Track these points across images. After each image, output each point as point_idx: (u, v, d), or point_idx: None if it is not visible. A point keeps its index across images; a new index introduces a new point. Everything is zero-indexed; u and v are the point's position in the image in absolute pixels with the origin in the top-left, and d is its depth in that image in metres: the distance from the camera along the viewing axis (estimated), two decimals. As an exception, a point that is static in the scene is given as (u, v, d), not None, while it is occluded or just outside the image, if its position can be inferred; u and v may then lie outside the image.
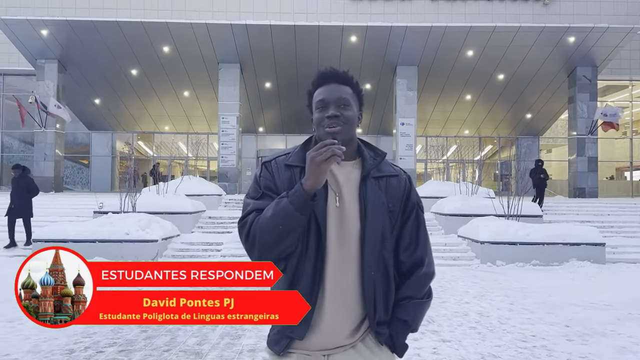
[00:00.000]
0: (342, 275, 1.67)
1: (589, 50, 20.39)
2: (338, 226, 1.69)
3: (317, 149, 1.57)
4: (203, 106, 25.16)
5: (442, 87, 23.30)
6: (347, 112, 1.73)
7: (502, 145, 29.03)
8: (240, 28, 19.36)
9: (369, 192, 1.72)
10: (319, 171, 1.56)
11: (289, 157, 1.77)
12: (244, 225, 1.68)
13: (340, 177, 1.73)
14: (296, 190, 1.59)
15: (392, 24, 19.21)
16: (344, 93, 1.75)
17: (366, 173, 1.74)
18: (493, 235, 11.05)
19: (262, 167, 1.80)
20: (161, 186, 15.16)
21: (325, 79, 1.78)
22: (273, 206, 1.62)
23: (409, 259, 1.78)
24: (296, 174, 1.71)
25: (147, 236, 10.82)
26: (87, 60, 21.55)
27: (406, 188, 1.81)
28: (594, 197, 21.24)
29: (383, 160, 1.82)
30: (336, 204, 1.69)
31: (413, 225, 1.80)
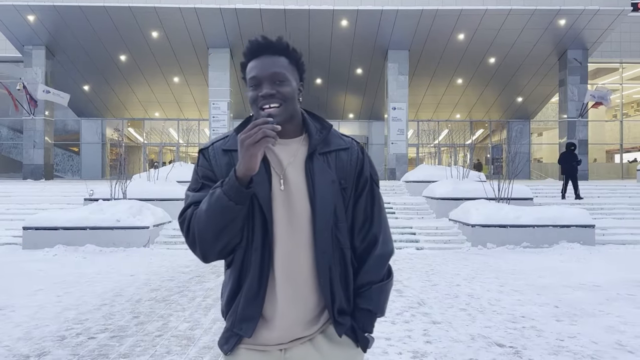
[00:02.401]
0: (293, 263, 1.55)
1: (580, 32, 20.39)
2: (285, 211, 1.55)
3: (247, 131, 1.42)
4: (193, 92, 25.00)
5: (433, 71, 23.26)
6: (284, 87, 1.55)
7: (493, 129, 29.10)
8: (229, 12, 19.17)
9: (316, 170, 1.57)
10: (250, 155, 1.41)
11: (227, 141, 1.62)
12: (183, 220, 1.55)
13: (284, 157, 1.58)
14: (229, 178, 1.45)
15: (383, 7, 19.10)
16: (278, 67, 1.57)
17: (312, 149, 1.59)
18: (483, 218, 11.10)
19: (199, 155, 1.65)
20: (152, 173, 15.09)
21: (257, 52, 1.59)
22: (207, 198, 1.48)
23: (363, 240, 1.65)
24: (235, 158, 1.55)
25: (138, 223, 10.78)
26: (75, 46, 21.30)
27: (358, 161, 1.65)
28: (585, 179, 21.36)
29: (330, 133, 1.65)
30: (280, 187, 1.55)
31: (367, 202, 1.65)
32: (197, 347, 4.47)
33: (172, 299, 6.28)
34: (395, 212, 14.02)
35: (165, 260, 9.39)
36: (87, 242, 10.47)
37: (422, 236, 11.63)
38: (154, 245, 10.85)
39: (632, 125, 28.61)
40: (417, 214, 14.07)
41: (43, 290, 6.77)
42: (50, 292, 6.65)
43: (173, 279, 7.56)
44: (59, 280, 7.43)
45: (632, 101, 30.59)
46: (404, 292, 6.65)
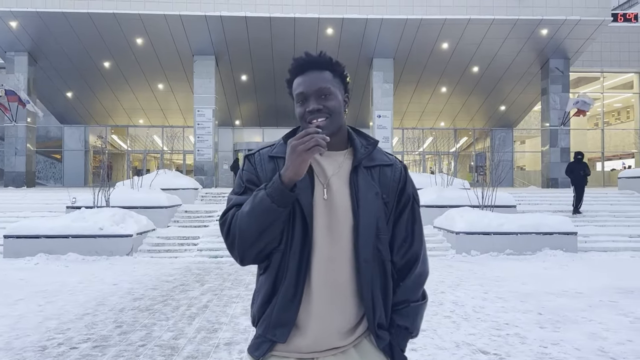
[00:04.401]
0: (331, 271, 1.55)
1: (561, 42, 20.69)
2: (326, 219, 1.56)
3: (299, 137, 1.45)
4: (178, 99, 24.90)
5: (418, 80, 23.44)
6: (330, 102, 1.59)
7: (477, 137, 29.35)
8: (215, 20, 19.16)
9: (360, 182, 1.60)
10: (299, 161, 1.44)
11: (273, 148, 1.66)
12: (224, 222, 1.57)
13: (329, 168, 1.61)
14: (274, 181, 1.48)
15: (368, 16, 19.22)
16: (323, 82, 1.61)
17: (357, 163, 1.62)
18: (468, 226, 11.18)
19: (245, 161, 1.68)
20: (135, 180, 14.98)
21: (302, 68, 1.64)
22: (251, 200, 1.51)
23: (404, 257, 1.66)
24: (280, 165, 1.58)
25: (121, 231, 10.69)
26: (58, 53, 21.12)
27: (401, 178, 1.68)
28: (567, 187, 21.57)
29: (376, 149, 1.69)
30: (324, 196, 1.57)
31: (408, 219, 1.68)
32: (181, 357, 4.43)
33: (156, 308, 6.22)
34: (381, 220, 14.02)
35: (149, 268, 9.30)
36: (69, 250, 10.35)
37: (407, 244, 11.65)
38: (137, 254, 10.75)
39: (613, 134, 29.05)
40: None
41: (24, 300, 6.67)
42: (31, 302, 6.55)
43: (157, 288, 7.50)
44: (40, 290, 7.32)
45: (613, 110, 31.08)
46: (389, 299, 6.66)
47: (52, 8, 18.70)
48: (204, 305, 6.38)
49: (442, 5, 19.30)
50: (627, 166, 27.27)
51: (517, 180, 27.88)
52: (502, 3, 19.38)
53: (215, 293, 7.15)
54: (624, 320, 5.65)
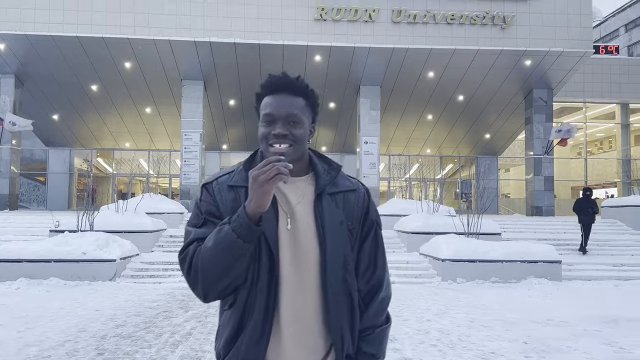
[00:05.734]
0: (299, 304, 1.51)
1: (545, 73, 21.10)
2: (292, 251, 1.52)
3: (260, 167, 1.40)
4: (165, 123, 24.88)
5: (404, 107, 23.69)
6: (297, 129, 1.55)
7: (462, 164, 29.61)
8: (204, 45, 19.30)
9: (325, 210, 1.55)
10: (262, 192, 1.39)
11: (232, 176, 1.60)
12: (184, 258, 1.50)
13: (292, 196, 1.56)
14: (238, 215, 1.42)
15: (355, 44, 19.48)
16: (295, 107, 1.56)
17: (321, 189, 1.58)
18: (453, 253, 11.22)
19: (202, 190, 1.61)
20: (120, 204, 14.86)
21: (276, 88, 1.59)
22: (214, 235, 1.44)
23: (368, 283, 1.63)
24: (240, 195, 1.53)
25: (104, 255, 10.56)
26: (45, 76, 21.08)
27: (365, 203, 1.65)
28: (551, 215, 21.82)
29: (339, 174, 1.65)
30: (287, 226, 1.52)
31: (372, 245, 1.65)
32: (163, 386, 4.35)
33: (138, 335, 6.12)
34: (367, 246, 14.01)
35: (132, 294, 9.17)
36: (52, 275, 10.19)
37: (394, 270, 11.65)
38: (120, 279, 10.61)
39: (595, 163, 29.48)
40: (388, 247, 14.08)
41: (3, 326, 6.53)
42: (11, 328, 6.42)
43: (140, 314, 7.39)
44: (20, 315, 7.18)
45: (595, 139, 31.62)
46: (374, 327, 6.62)
47: (40, 31, 18.72)
48: (188, 333, 6.30)
49: (428, 35, 19.65)
50: (610, 195, 27.63)
51: (502, 208, 28.09)
52: (486, 34, 19.79)
53: (199, 320, 7.07)
54: (609, 349, 5.67)
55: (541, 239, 14.57)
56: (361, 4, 19.61)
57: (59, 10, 18.81)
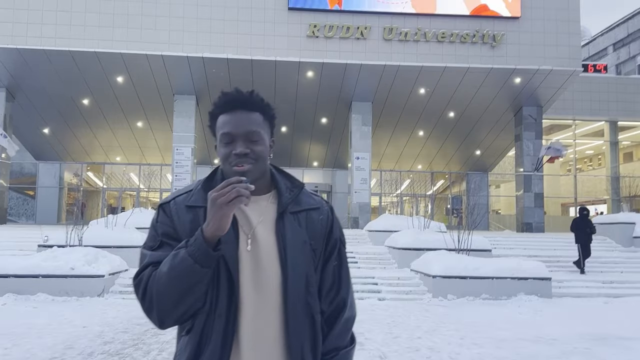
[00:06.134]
0: (260, 329, 1.46)
1: (534, 91, 21.34)
2: (252, 273, 1.47)
3: (219, 189, 1.34)
4: (157, 137, 24.85)
5: (395, 123, 23.83)
6: (258, 146, 1.51)
7: (453, 181, 29.74)
8: (196, 60, 19.37)
9: (287, 230, 1.50)
10: (221, 215, 1.33)
11: (191, 196, 1.53)
12: (139, 283, 1.43)
13: (253, 215, 1.51)
14: (196, 238, 1.36)
15: (347, 61, 19.63)
16: (253, 124, 1.52)
17: (283, 208, 1.53)
18: (444, 270, 11.21)
19: (159, 211, 1.53)
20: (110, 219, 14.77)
21: (231, 105, 1.53)
22: (170, 259, 1.38)
23: (331, 303, 1.58)
24: (199, 215, 1.46)
25: (93, 271, 10.47)
26: (37, 89, 21.03)
27: (328, 221, 1.60)
28: (541, 231, 21.90)
29: (302, 191, 1.60)
30: (248, 247, 1.47)
31: (336, 264, 1.60)
32: (150, 405, 4.30)
33: (126, 353, 6.06)
34: (358, 262, 14.02)
35: (120, 311, 9.08)
36: (39, 290, 10.08)
37: (384, 287, 11.64)
38: (109, 295, 10.51)
39: (585, 180, 29.70)
40: (379, 263, 14.11)
41: (-12, 343, 6.44)
42: (-4, 345, 6.33)
43: (127, 331, 7.31)
44: (6, 332, 7.09)
45: (585, 157, 31.90)
46: (365, 345, 6.59)
47: (33, 45, 18.71)
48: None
49: (419, 53, 19.84)
50: (600, 212, 27.81)
51: (492, 224, 28.18)
52: (476, 52, 20.02)
53: (188, 337, 6.99)
54: (598, 368, 5.67)
55: (531, 256, 14.60)
56: (353, 21, 19.80)
57: (51, 24, 18.83)
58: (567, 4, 20.45)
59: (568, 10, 20.43)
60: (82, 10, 18.96)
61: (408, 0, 19.94)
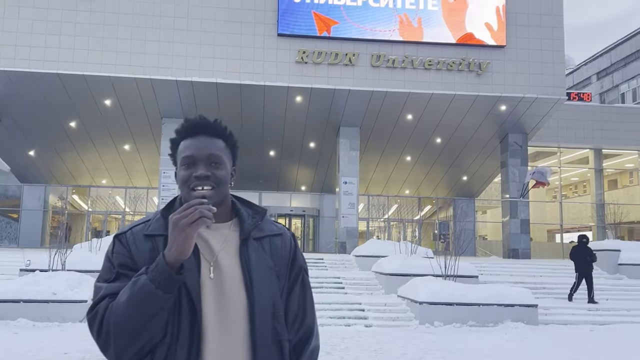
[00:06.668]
0: (226, 359, 1.41)
1: (520, 118, 21.64)
2: (215, 301, 1.42)
3: (181, 211, 1.32)
4: (144, 160, 24.75)
5: (383, 148, 23.97)
6: (219, 170, 1.49)
7: (440, 206, 29.85)
8: (185, 84, 19.44)
9: (252, 255, 1.48)
10: (183, 237, 1.30)
11: (149, 225, 1.49)
12: (94, 316, 1.37)
13: (215, 242, 1.48)
14: (158, 263, 1.31)
15: (336, 87, 19.81)
16: (215, 148, 1.51)
17: (246, 234, 1.51)
18: (431, 296, 11.18)
19: (114, 241, 1.49)
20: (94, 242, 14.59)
21: (194, 131, 1.52)
22: (129, 287, 1.32)
23: (298, 332, 1.56)
24: (159, 245, 1.42)
25: (75, 296, 10.29)
26: (23, 111, 20.93)
27: (291, 248, 1.59)
28: (527, 258, 21.97)
29: (264, 218, 1.59)
30: (210, 275, 1.43)
31: (300, 292, 1.58)
32: None
33: (107, 381, 5.92)
34: (345, 287, 13.95)
35: (103, 336, 8.90)
36: (20, 316, 9.87)
37: (371, 313, 11.56)
38: (91, 320, 10.31)
39: (571, 207, 29.96)
40: (366, 289, 14.05)
41: (-35, 371, 6.28)
42: (-28, 373, 6.17)
43: (110, 358, 7.16)
44: (-17, 359, 6.92)
45: (570, 183, 32.23)
46: (350, 373, 6.52)
47: (20, 68, 18.68)
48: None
49: (406, 79, 20.09)
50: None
51: (479, 250, 28.23)
52: (463, 80, 20.31)
53: (171, 364, 6.87)
54: (584, 397, 5.64)
55: (518, 282, 14.62)
56: (341, 48, 20.04)
57: (40, 47, 18.85)
58: (552, 34, 20.89)
59: (552, 40, 20.87)
60: (71, 34, 19.01)
61: (395, 28, 20.26)
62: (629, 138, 26.47)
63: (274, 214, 26.37)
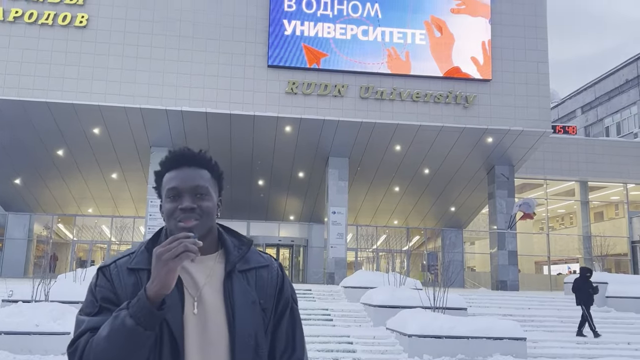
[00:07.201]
0: None
1: (506, 150, 21.89)
2: (198, 337, 1.40)
3: (165, 244, 1.30)
4: (131, 189, 24.59)
5: (372, 179, 24.07)
6: (205, 202, 1.47)
7: (428, 237, 29.85)
8: (175, 114, 19.49)
9: (235, 290, 1.45)
10: (166, 271, 1.27)
11: (133, 258, 1.46)
12: (74, 351, 1.34)
13: (200, 276, 1.45)
14: (139, 298, 1.29)
15: (325, 117, 19.97)
16: (201, 180, 1.49)
17: (231, 267, 1.48)
18: (420, 329, 11.07)
19: (98, 274, 1.46)
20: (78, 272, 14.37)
21: (178, 162, 1.51)
22: (110, 322, 1.30)
23: None
24: (143, 279, 1.40)
25: (59, 328, 10.06)
26: (10, 139, 20.79)
27: (278, 279, 1.56)
28: (516, 289, 21.94)
29: (250, 249, 1.56)
30: (194, 310, 1.41)
31: (288, 324, 1.55)
32: None
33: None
34: (333, 319, 13.81)
35: (86, 370, 8.69)
36: (1, 348, 9.62)
37: (360, 346, 11.42)
38: (74, 353, 10.08)
39: (558, 238, 30.09)
40: (354, 321, 13.91)
41: (-59, 406, 6.07)
42: (-51, 409, 5.98)
43: (92, 393, 6.98)
44: (-39, 394, 6.71)
45: (557, 215, 32.45)
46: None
47: (10, 96, 18.65)
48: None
49: (394, 111, 20.32)
50: (573, 271, 28.06)
51: (467, 281, 28.16)
52: (450, 112, 20.58)
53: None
54: None
55: (506, 315, 14.57)
56: (331, 80, 20.28)
57: (29, 76, 18.84)
58: (537, 68, 21.31)
59: (537, 74, 21.28)
60: (61, 63, 19.05)
61: (384, 61, 20.57)
62: (614, 171, 26.83)
63: (262, 243, 26.21)
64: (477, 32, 21.07)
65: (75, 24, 19.31)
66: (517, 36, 21.39)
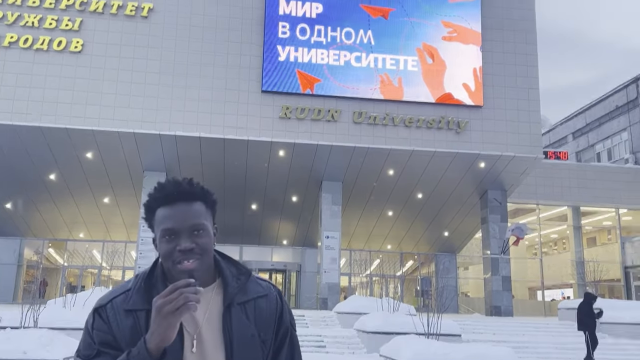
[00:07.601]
0: None
1: (498, 175, 22.01)
2: None
3: (165, 295, 1.25)
4: (123, 213, 24.44)
5: (365, 203, 24.07)
6: (203, 238, 1.42)
7: (422, 262, 29.75)
8: (168, 138, 19.51)
9: (234, 325, 1.42)
10: (166, 325, 1.24)
11: (129, 297, 1.42)
12: None
13: (198, 312, 1.38)
14: (138, 351, 1.26)
15: (318, 142, 20.06)
16: (196, 216, 1.43)
17: (230, 300, 1.45)
18: (413, 356, 10.94)
19: (94, 316, 1.43)
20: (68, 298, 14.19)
21: (171, 198, 1.44)
22: None
23: None
24: (140, 320, 1.37)
25: (47, 355, 9.87)
26: (2, 163, 20.70)
27: (277, 308, 1.53)
28: (510, 315, 21.83)
29: (249, 279, 1.52)
30: (192, 349, 1.37)
31: (288, 352, 1.53)
32: None
33: None
34: (327, 346, 13.67)
35: (73, 399, 8.52)
36: (-14, 377, 9.43)
37: (352, 373, 11.27)
38: (62, 381, 9.88)
39: (551, 264, 30.03)
40: (348, 348, 13.77)
41: None
42: None
43: (79, 423, 6.82)
44: None
45: (550, 240, 32.47)
46: None
47: (2, 121, 18.64)
48: None
49: (387, 136, 20.45)
50: (567, 297, 27.99)
51: (461, 307, 27.99)
52: (442, 137, 20.73)
53: None
54: None
55: (500, 341, 14.45)
56: (324, 105, 20.42)
57: (23, 100, 18.87)
58: (528, 95, 21.57)
59: (528, 100, 21.53)
60: (55, 88, 19.11)
61: (377, 87, 20.78)
62: (606, 196, 26.97)
63: (254, 268, 26.00)
64: (468, 59, 21.36)
65: (70, 49, 19.43)
66: (508, 63, 21.70)
